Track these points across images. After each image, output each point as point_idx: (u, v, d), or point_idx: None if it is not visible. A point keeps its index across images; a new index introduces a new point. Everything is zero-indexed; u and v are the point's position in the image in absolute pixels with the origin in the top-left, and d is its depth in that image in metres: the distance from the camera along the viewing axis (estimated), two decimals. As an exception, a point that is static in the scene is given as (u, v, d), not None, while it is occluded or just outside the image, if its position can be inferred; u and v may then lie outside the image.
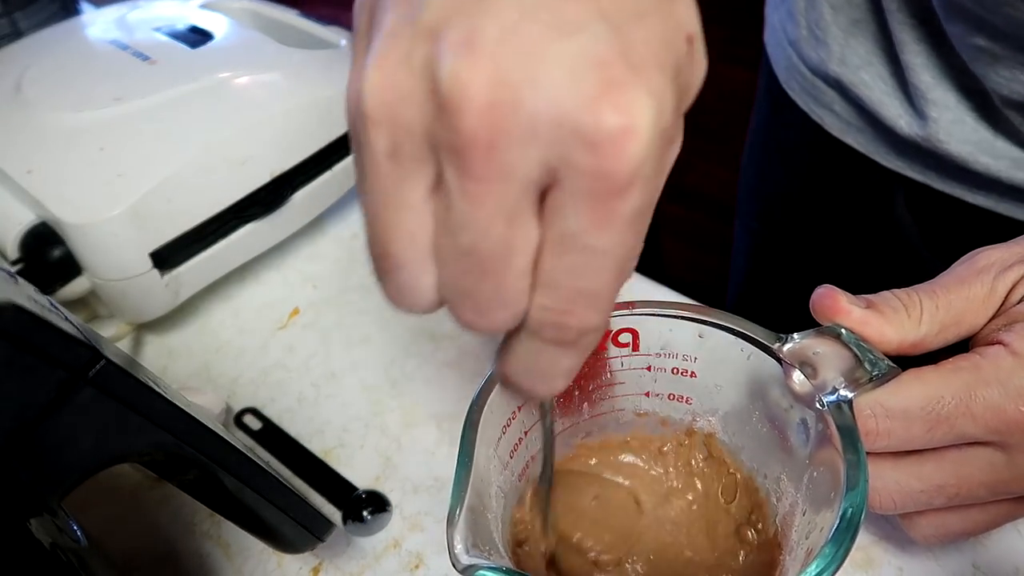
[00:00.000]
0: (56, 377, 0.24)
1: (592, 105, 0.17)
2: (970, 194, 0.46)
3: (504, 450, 0.29)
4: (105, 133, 0.46)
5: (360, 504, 0.39)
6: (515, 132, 0.17)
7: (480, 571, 0.23)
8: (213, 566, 0.38)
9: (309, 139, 0.51)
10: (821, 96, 0.51)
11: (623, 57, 0.17)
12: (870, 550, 0.37)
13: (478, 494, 0.25)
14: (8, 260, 0.43)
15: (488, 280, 0.19)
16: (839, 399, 0.27)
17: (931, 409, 0.27)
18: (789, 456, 0.29)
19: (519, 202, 0.18)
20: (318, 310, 0.51)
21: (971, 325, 0.29)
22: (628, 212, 0.18)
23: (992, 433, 0.27)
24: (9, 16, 0.61)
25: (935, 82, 0.44)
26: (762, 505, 0.32)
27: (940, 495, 0.29)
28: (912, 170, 0.48)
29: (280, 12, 0.60)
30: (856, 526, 0.24)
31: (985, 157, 0.43)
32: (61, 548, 0.25)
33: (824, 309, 0.29)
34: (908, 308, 0.29)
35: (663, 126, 0.18)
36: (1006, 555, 0.36)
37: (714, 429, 0.33)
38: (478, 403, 0.27)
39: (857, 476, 0.25)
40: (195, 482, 0.30)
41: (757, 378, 0.30)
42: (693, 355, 0.31)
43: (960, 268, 0.30)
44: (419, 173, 0.19)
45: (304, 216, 0.54)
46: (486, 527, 0.25)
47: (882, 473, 0.29)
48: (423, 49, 0.18)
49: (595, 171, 0.17)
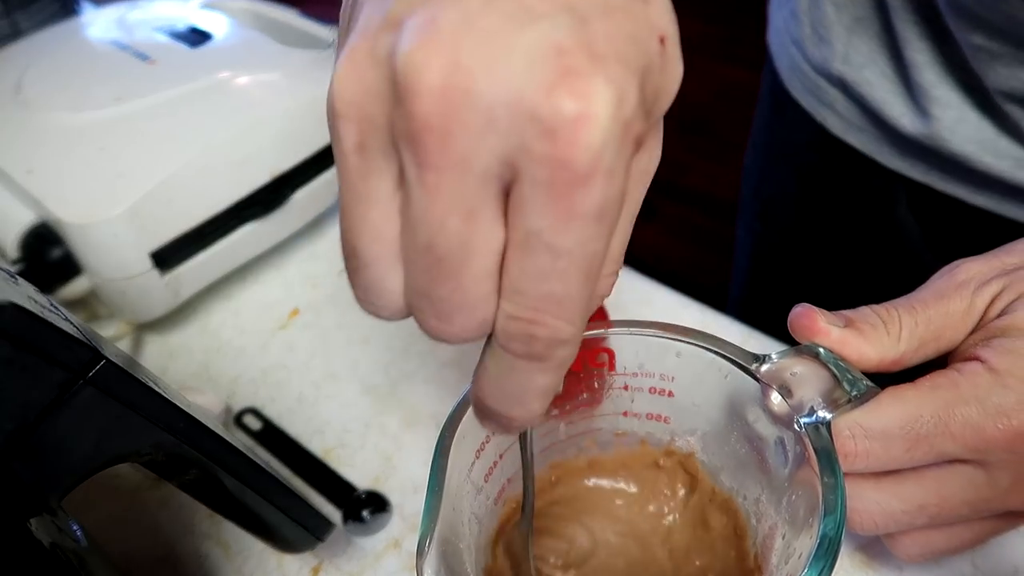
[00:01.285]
0: (56, 377, 0.24)
1: (549, 91, 0.17)
2: (972, 195, 0.46)
3: (478, 474, 0.29)
4: (105, 133, 0.46)
5: (360, 504, 0.39)
6: (471, 118, 0.17)
7: None
8: (213, 566, 0.38)
9: (309, 139, 0.51)
10: (824, 95, 0.51)
11: (584, 47, 0.17)
12: (870, 550, 0.37)
13: (449, 524, 0.25)
14: (8, 260, 0.43)
15: (447, 281, 0.19)
16: (817, 420, 0.26)
17: (910, 429, 0.26)
18: (768, 477, 0.29)
19: (478, 196, 0.18)
20: (318, 310, 0.51)
21: (950, 340, 0.29)
22: (590, 207, 0.17)
23: (971, 451, 0.26)
24: (9, 16, 0.61)
25: (938, 80, 0.44)
26: (742, 527, 0.32)
27: (921, 515, 0.28)
28: (914, 170, 0.48)
29: (280, 12, 0.60)
30: (835, 551, 0.23)
31: (988, 156, 0.43)
32: (61, 548, 0.25)
33: (802, 329, 0.28)
34: (887, 325, 0.28)
35: (624, 117, 0.17)
36: (1006, 555, 0.36)
37: (693, 449, 0.33)
38: (449, 429, 0.27)
39: (835, 500, 0.24)
40: (195, 482, 0.30)
41: (735, 398, 0.29)
42: (671, 374, 0.31)
43: (939, 282, 0.29)
44: (385, 167, 0.19)
45: (304, 216, 0.54)
46: (458, 556, 0.25)
47: (862, 494, 0.28)
48: (387, 39, 0.18)
49: (552, 159, 0.17)
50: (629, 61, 0.18)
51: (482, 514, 0.30)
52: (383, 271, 0.20)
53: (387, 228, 0.19)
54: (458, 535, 0.26)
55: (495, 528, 0.32)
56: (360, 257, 0.20)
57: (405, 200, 0.19)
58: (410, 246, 0.19)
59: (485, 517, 0.30)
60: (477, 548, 0.29)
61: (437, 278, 0.19)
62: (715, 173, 1.78)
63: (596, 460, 0.35)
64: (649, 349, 0.30)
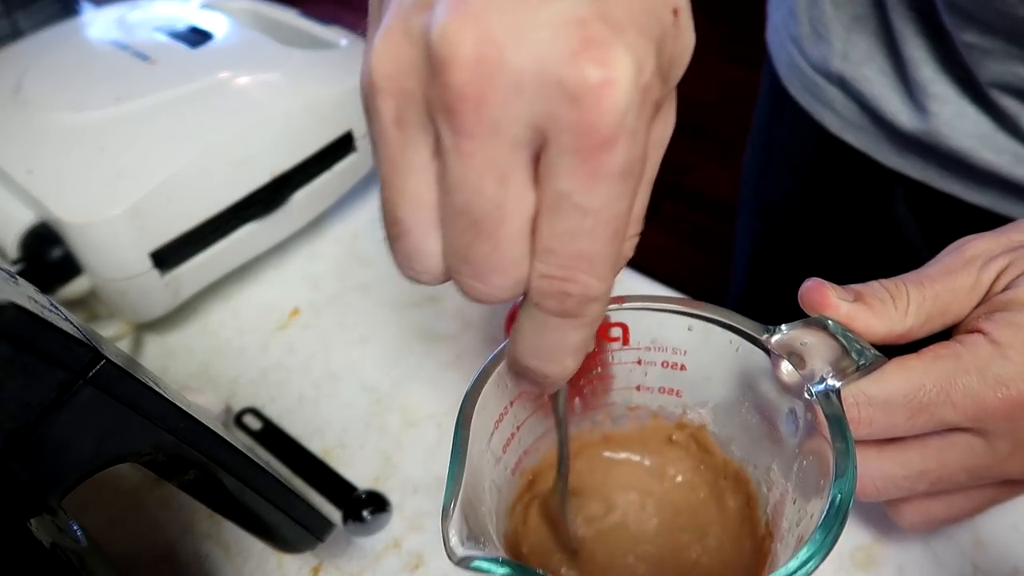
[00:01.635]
0: (56, 377, 0.24)
1: (573, 60, 0.18)
2: (970, 192, 0.46)
3: (497, 445, 0.30)
4: (105, 133, 0.46)
5: (360, 504, 0.39)
6: (502, 86, 0.18)
7: (476, 562, 0.23)
8: (213, 566, 0.38)
9: (309, 139, 0.51)
10: (822, 94, 0.51)
11: (603, 19, 0.18)
12: (870, 549, 0.37)
13: (472, 488, 0.26)
14: (8, 260, 0.43)
15: (484, 242, 0.20)
16: (827, 388, 0.27)
17: (913, 397, 0.27)
18: (778, 446, 0.30)
19: (510, 160, 0.19)
20: (318, 310, 0.51)
21: (956, 314, 0.30)
22: (615, 167, 0.19)
23: (971, 420, 0.27)
24: (9, 16, 0.61)
25: (936, 75, 0.44)
26: (753, 496, 0.32)
27: (922, 481, 0.29)
28: (912, 168, 0.48)
29: (280, 12, 0.60)
30: (845, 512, 0.24)
31: (987, 152, 0.43)
32: (61, 548, 0.25)
33: (812, 303, 0.29)
34: (895, 299, 0.29)
35: (643, 82, 0.19)
36: (1006, 555, 0.36)
37: (704, 421, 0.34)
38: (471, 398, 0.28)
39: (846, 463, 0.25)
40: (195, 482, 0.30)
41: (746, 370, 0.30)
42: (683, 348, 0.32)
43: (948, 258, 0.30)
44: (422, 137, 0.20)
45: (304, 216, 0.54)
46: (481, 520, 0.26)
47: (866, 461, 0.29)
48: (421, 18, 0.19)
49: (579, 124, 0.18)
50: (646, 30, 0.19)
51: (501, 483, 0.31)
52: (423, 236, 0.21)
53: (426, 195, 0.21)
54: (480, 500, 0.27)
55: (513, 498, 0.32)
56: (401, 224, 0.21)
57: (442, 168, 0.20)
58: (448, 211, 0.20)
59: (504, 486, 0.31)
60: (498, 514, 0.30)
61: (474, 240, 0.20)
62: (715, 173, 1.78)
63: (610, 434, 0.35)
64: (662, 324, 0.31)
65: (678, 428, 0.35)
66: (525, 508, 0.33)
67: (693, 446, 0.35)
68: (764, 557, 0.30)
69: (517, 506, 0.33)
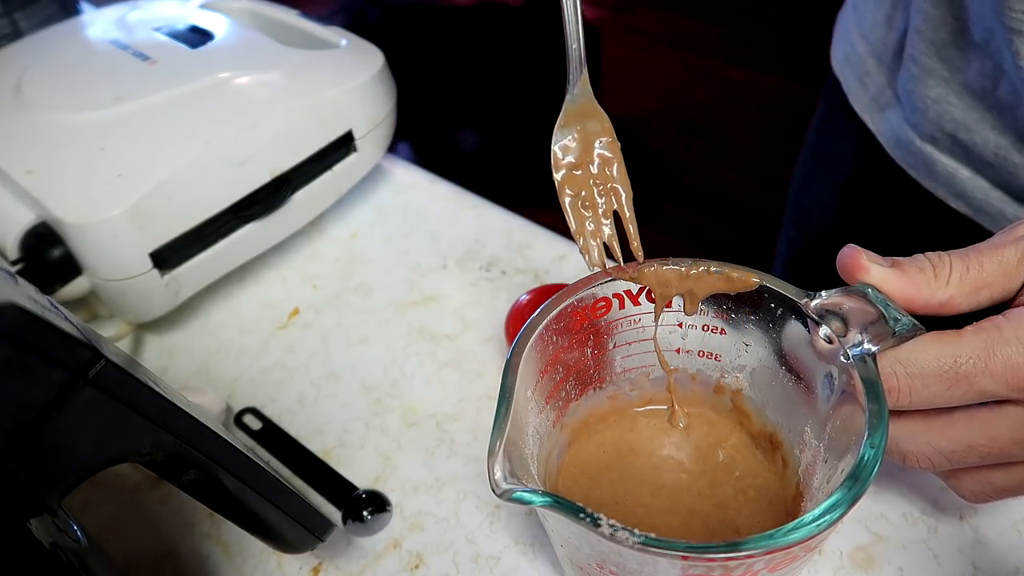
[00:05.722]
0: (56, 377, 0.24)
1: None
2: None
3: (540, 395, 0.31)
4: (105, 133, 0.46)
5: (360, 504, 0.39)
6: None
7: (517, 493, 0.25)
8: (213, 566, 0.38)
9: (309, 139, 0.51)
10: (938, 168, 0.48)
11: None
12: (870, 549, 0.37)
13: (517, 428, 0.27)
14: (8, 260, 0.43)
15: None
16: (863, 352, 0.28)
17: (950, 367, 0.27)
18: (813, 410, 0.31)
19: None
20: (318, 310, 0.51)
21: (1004, 289, 0.29)
22: None
23: (1014, 391, 0.27)
24: (9, 16, 0.61)
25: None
26: (786, 457, 0.33)
27: (972, 454, 0.29)
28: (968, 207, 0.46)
29: (280, 12, 0.60)
30: (873, 468, 0.25)
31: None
32: (61, 548, 0.25)
33: (846, 267, 0.30)
34: (937, 268, 0.29)
35: None
36: (1006, 555, 0.36)
37: (741, 385, 0.35)
38: (518, 347, 0.29)
39: (878, 423, 0.26)
40: (195, 482, 0.30)
41: (784, 334, 0.31)
42: (723, 312, 0.32)
43: (998, 236, 0.30)
44: None
45: (304, 216, 0.54)
46: (523, 459, 0.27)
47: (914, 435, 0.30)
48: None
49: None
50: None
51: (543, 432, 0.32)
52: None
53: None
54: (524, 443, 0.29)
55: (552, 449, 0.34)
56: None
57: None
58: None
59: (545, 436, 0.33)
60: (538, 460, 0.31)
61: None
62: (715, 173, 1.78)
63: (648, 395, 0.36)
64: None
65: (716, 391, 0.35)
66: (562, 466, 0.34)
67: (730, 410, 0.35)
68: (796, 517, 0.31)
69: (555, 457, 0.34)
